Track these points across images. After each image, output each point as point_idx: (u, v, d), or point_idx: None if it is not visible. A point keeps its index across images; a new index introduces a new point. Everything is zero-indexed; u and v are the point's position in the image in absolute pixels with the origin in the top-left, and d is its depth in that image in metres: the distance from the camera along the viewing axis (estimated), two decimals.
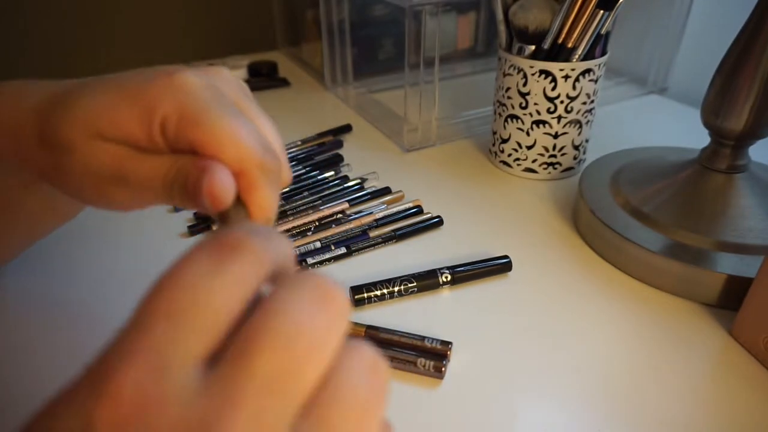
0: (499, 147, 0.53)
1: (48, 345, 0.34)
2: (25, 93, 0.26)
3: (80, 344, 0.34)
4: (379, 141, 0.61)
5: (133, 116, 0.23)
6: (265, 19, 0.91)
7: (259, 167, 0.22)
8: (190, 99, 0.22)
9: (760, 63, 0.36)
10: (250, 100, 0.26)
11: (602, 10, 0.44)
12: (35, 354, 0.34)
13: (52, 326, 0.35)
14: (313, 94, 0.74)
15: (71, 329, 0.35)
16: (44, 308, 0.37)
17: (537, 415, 0.30)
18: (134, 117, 0.23)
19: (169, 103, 0.22)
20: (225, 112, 0.22)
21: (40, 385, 0.32)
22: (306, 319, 0.14)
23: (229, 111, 0.22)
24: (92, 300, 0.38)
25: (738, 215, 0.39)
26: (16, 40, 0.80)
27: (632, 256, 0.39)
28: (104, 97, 0.23)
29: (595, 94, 0.49)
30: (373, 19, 0.73)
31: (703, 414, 0.30)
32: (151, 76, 0.23)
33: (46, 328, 0.35)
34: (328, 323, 0.14)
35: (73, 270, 0.40)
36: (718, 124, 0.38)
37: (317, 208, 0.47)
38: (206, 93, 0.23)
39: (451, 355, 0.33)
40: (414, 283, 0.37)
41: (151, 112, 0.22)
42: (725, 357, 0.33)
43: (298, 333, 0.14)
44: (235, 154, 0.22)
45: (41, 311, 0.37)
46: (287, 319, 0.14)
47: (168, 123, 0.22)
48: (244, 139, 0.22)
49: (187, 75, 0.23)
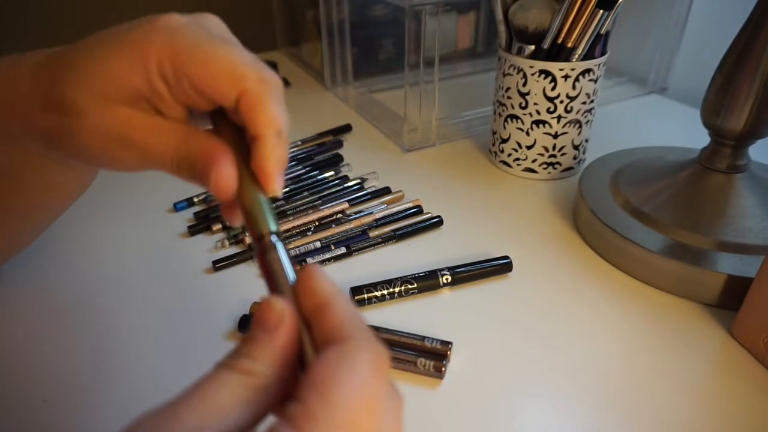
0: (499, 147, 0.53)
1: (48, 345, 0.34)
2: (21, 61, 0.26)
3: (80, 344, 0.34)
4: (379, 141, 0.61)
5: (131, 68, 0.23)
6: (265, 19, 0.91)
7: (259, 81, 0.22)
8: (179, 37, 0.23)
9: (760, 63, 0.36)
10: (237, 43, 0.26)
11: (602, 10, 0.44)
12: (36, 354, 0.34)
13: (52, 326, 0.35)
14: (313, 94, 0.74)
15: (71, 329, 0.35)
16: (44, 308, 0.37)
17: (537, 414, 0.30)
18: (132, 68, 0.23)
19: (160, 46, 0.22)
20: (214, 42, 0.23)
21: (41, 385, 0.32)
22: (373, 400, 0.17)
23: (218, 40, 0.23)
24: (92, 300, 0.38)
25: (738, 215, 0.39)
26: (15, 40, 0.80)
27: (632, 256, 0.39)
28: (100, 55, 0.23)
29: (595, 94, 0.49)
30: (373, 19, 0.73)
31: (703, 414, 0.30)
32: (138, 24, 0.23)
33: (46, 328, 0.35)
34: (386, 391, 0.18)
35: (73, 270, 0.40)
36: (718, 123, 0.38)
37: (317, 208, 0.47)
38: (193, 29, 0.23)
39: (451, 355, 0.33)
40: (414, 284, 0.37)
41: (146, 59, 0.23)
42: (725, 357, 0.33)
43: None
44: (232, 77, 0.22)
45: (41, 311, 0.37)
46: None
47: (164, 66, 0.23)
48: (237, 60, 0.22)
49: (172, 16, 0.23)
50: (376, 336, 0.19)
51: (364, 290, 0.37)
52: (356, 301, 0.36)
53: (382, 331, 0.33)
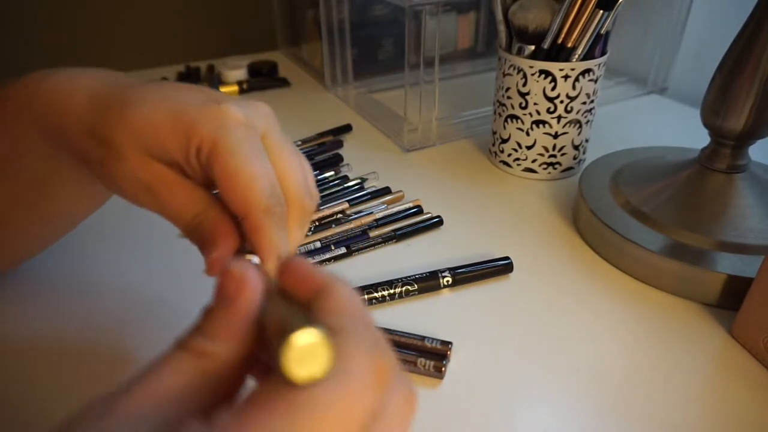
0: (499, 147, 0.53)
1: (48, 344, 0.34)
2: (77, 79, 0.27)
3: (80, 344, 0.34)
4: (379, 141, 0.61)
5: (175, 140, 0.24)
6: (265, 19, 0.91)
7: (264, 212, 0.24)
8: (226, 134, 0.24)
9: (760, 63, 0.36)
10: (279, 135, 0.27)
11: (602, 10, 0.44)
12: (36, 354, 0.34)
13: (52, 326, 0.35)
14: (313, 94, 0.74)
15: (71, 330, 0.35)
16: (44, 308, 0.37)
17: (537, 414, 0.30)
18: (175, 142, 0.24)
19: (205, 135, 0.24)
20: (249, 156, 0.24)
21: (41, 386, 0.32)
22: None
23: (253, 154, 0.24)
24: (92, 300, 0.38)
25: (738, 215, 0.39)
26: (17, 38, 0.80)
27: (632, 256, 0.39)
28: (153, 115, 0.25)
29: (595, 94, 0.49)
30: (373, 19, 0.73)
31: (702, 414, 0.30)
32: (198, 103, 0.25)
33: (46, 328, 0.35)
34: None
35: (73, 270, 0.40)
36: (718, 124, 0.38)
37: (317, 208, 0.46)
38: (240, 131, 0.24)
39: (451, 355, 0.33)
40: (415, 285, 0.37)
41: (189, 140, 0.24)
42: (725, 357, 0.33)
43: None
44: (242, 198, 0.23)
45: (42, 311, 0.37)
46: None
47: (201, 152, 0.24)
48: (254, 186, 0.23)
49: (230, 108, 0.24)
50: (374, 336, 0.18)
51: (364, 291, 0.37)
52: None
53: (382, 331, 0.33)
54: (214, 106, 0.24)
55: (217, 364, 0.17)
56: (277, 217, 0.24)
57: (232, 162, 0.23)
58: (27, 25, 0.79)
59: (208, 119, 0.24)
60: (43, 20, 0.80)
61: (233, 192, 0.24)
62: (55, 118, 0.27)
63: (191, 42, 0.89)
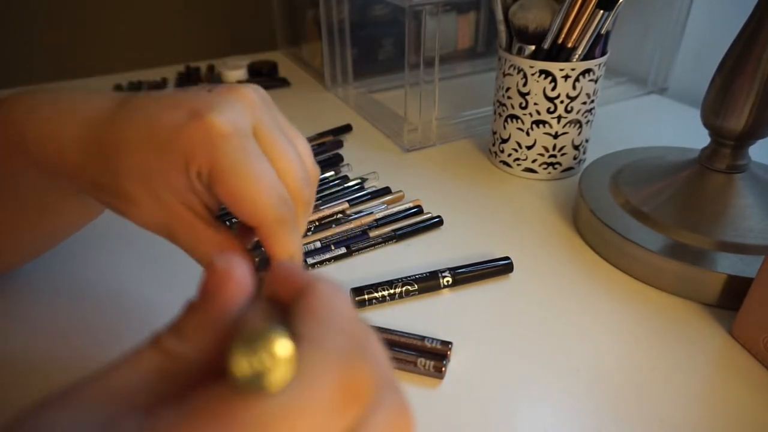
0: (499, 147, 0.53)
1: (48, 345, 0.34)
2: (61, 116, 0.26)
3: (81, 343, 0.34)
4: (379, 141, 0.61)
5: (175, 170, 0.24)
6: (265, 19, 0.91)
7: (274, 222, 0.24)
8: (219, 154, 0.23)
9: (760, 63, 0.36)
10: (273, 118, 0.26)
11: (602, 10, 0.44)
12: (36, 355, 0.34)
13: (52, 326, 0.35)
14: (313, 94, 0.74)
15: (71, 330, 0.35)
16: (44, 308, 0.37)
17: (537, 414, 0.30)
18: (176, 175, 0.24)
19: (200, 158, 0.23)
20: (248, 171, 0.23)
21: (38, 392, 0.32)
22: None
23: (251, 167, 0.23)
24: (88, 305, 0.38)
25: (738, 215, 0.39)
26: (17, 38, 0.80)
27: (632, 256, 0.39)
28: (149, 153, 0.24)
29: (595, 94, 0.49)
30: (373, 19, 0.73)
31: (702, 413, 0.30)
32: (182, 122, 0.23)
33: (47, 328, 0.35)
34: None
35: (73, 270, 0.40)
36: (718, 124, 0.38)
37: (317, 208, 0.46)
38: (232, 145, 0.23)
39: (451, 355, 0.33)
40: (415, 285, 0.37)
41: (188, 167, 0.23)
42: (725, 357, 0.33)
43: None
44: (251, 213, 0.24)
45: (42, 312, 0.37)
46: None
47: (202, 174, 0.24)
48: (260, 201, 0.23)
49: (214, 121, 0.23)
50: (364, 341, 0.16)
51: (364, 291, 0.37)
52: (357, 302, 0.36)
53: (381, 331, 0.33)
54: (197, 124, 0.23)
55: (179, 365, 0.16)
56: (288, 222, 0.24)
57: (233, 182, 0.23)
58: (27, 25, 0.79)
59: (197, 142, 0.23)
60: (43, 20, 0.80)
61: (241, 210, 0.24)
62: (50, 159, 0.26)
63: (191, 42, 0.89)
